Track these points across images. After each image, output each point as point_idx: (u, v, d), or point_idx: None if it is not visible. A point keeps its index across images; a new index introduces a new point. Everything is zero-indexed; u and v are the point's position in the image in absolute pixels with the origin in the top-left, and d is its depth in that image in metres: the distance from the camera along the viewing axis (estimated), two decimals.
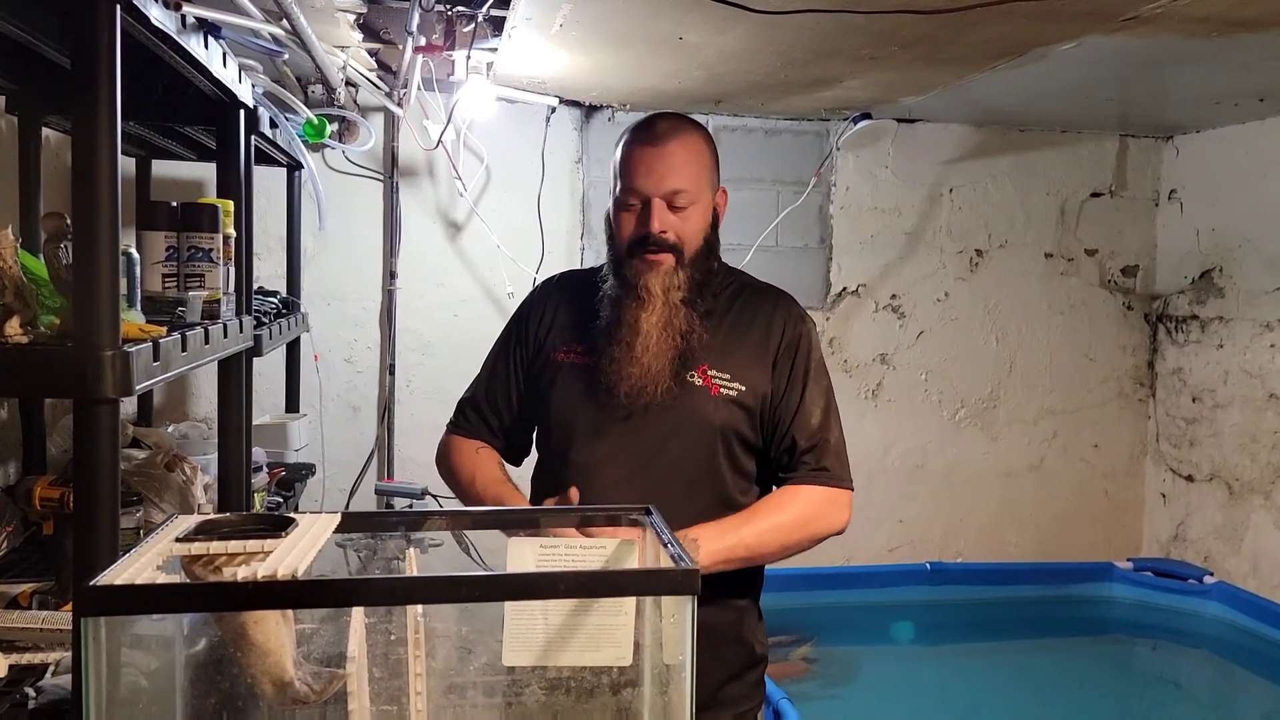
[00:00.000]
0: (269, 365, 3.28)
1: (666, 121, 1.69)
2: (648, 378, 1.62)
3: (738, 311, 1.72)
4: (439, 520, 1.21)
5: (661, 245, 1.64)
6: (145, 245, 1.63)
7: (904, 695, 3.45)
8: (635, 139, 1.68)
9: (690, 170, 1.66)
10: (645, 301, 1.63)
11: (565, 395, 1.70)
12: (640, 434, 1.65)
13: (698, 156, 1.68)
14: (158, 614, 0.93)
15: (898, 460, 4.07)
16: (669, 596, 0.99)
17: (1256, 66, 2.82)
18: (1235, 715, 3.50)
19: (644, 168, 1.65)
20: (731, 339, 1.69)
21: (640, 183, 1.64)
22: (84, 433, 1.16)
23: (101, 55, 1.15)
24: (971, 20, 2.27)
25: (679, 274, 1.64)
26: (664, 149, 1.65)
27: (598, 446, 1.67)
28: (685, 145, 1.66)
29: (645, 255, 1.64)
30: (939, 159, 4.03)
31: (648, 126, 1.69)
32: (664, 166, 1.64)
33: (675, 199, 1.64)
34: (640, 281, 1.64)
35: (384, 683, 1.05)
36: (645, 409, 1.63)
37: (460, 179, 3.59)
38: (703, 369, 1.66)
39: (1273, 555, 3.67)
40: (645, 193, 1.64)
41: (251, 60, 2.16)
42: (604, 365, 1.64)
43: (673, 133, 1.67)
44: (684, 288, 1.64)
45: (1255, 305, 3.78)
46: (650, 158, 1.65)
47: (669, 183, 1.63)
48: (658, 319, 1.62)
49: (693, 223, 1.66)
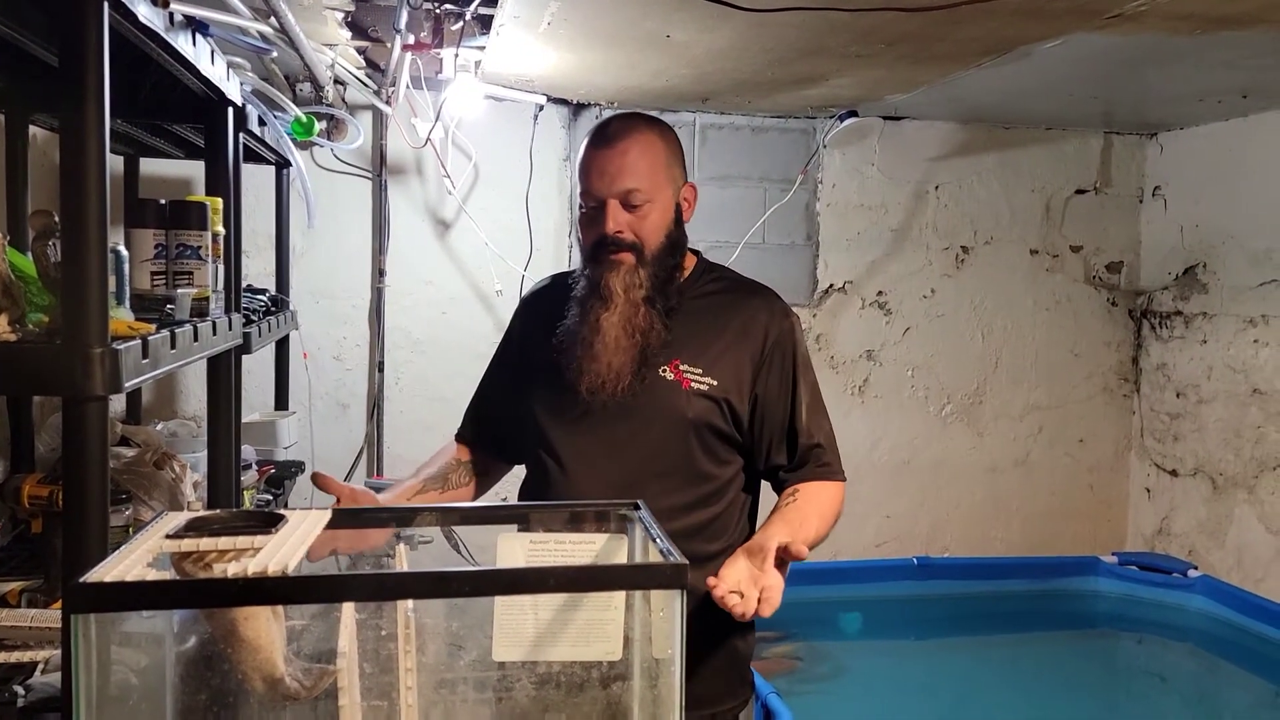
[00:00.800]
0: (258, 363, 3.28)
1: (620, 122, 1.70)
2: (608, 374, 1.63)
3: (719, 307, 1.73)
4: (428, 517, 1.22)
5: (619, 245, 1.64)
6: (134, 243, 1.63)
7: (891, 689, 3.47)
8: (590, 143, 1.70)
9: (643, 168, 1.66)
10: (607, 301, 1.64)
11: (542, 395, 1.73)
12: (612, 430, 1.66)
13: (651, 154, 1.67)
14: (147, 611, 0.94)
15: (885, 456, 4.09)
16: (658, 591, 1.00)
17: (1239, 64, 2.84)
18: (1219, 708, 3.53)
19: (597, 170, 1.66)
20: (710, 334, 1.70)
21: (594, 185, 1.66)
22: (73, 430, 1.16)
23: (89, 53, 1.15)
24: (956, 18, 2.29)
25: (640, 272, 1.65)
26: (615, 149, 1.66)
27: (573, 443, 1.69)
28: (637, 143, 1.67)
29: (607, 256, 1.65)
30: (925, 156, 4.05)
31: (601, 129, 1.70)
32: (615, 167, 1.65)
33: (629, 198, 1.64)
34: (602, 281, 1.65)
35: (374, 678, 1.05)
36: (617, 405, 1.65)
37: (449, 177, 3.60)
38: (675, 363, 1.67)
39: (1256, 549, 3.71)
40: (599, 194, 1.65)
41: (240, 58, 2.16)
42: (567, 364, 1.67)
43: (624, 132, 1.67)
44: (645, 286, 1.65)
45: (1239, 301, 3.81)
46: (602, 160, 1.66)
47: (620, 182, 1.64)
48: (618, 318, 1.63)
49: (650, 221, 1.66)
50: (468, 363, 3.53)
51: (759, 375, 1.69)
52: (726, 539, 1.72)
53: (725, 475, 1.70)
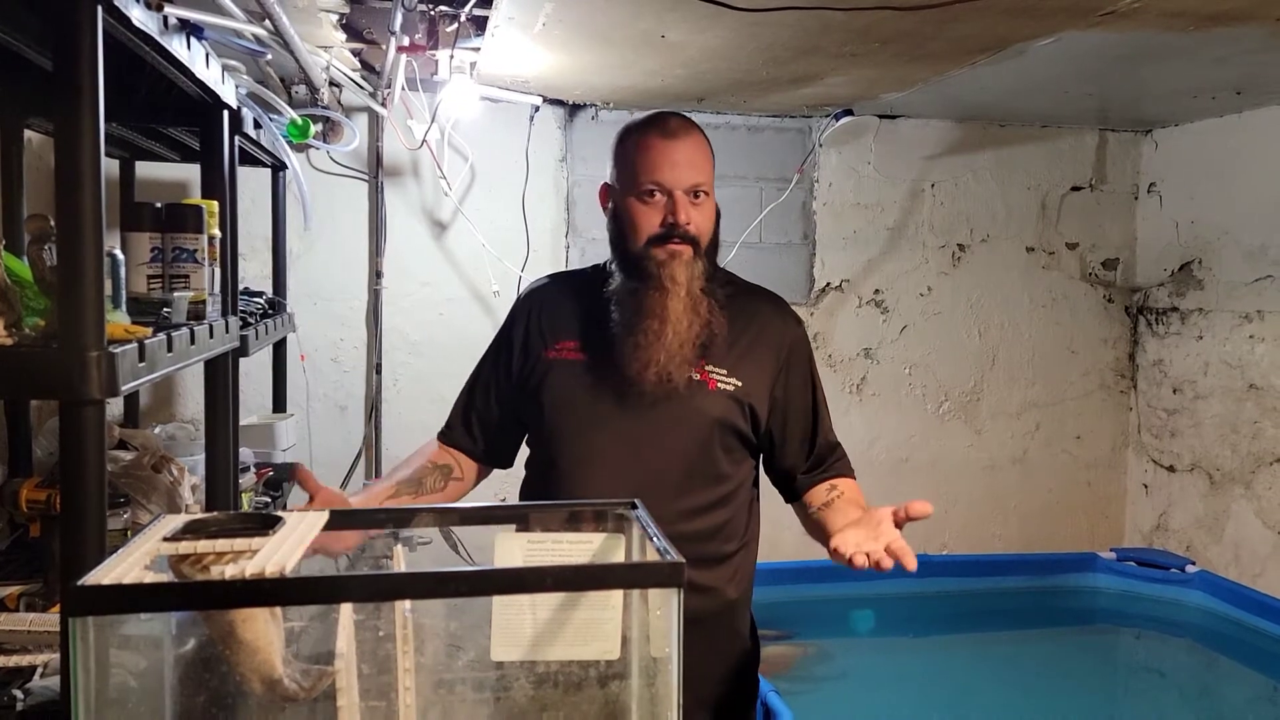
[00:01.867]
0: (255, 365, 3.28)
1: (678, 119, 1.72)
2: (674, 363, 1.63)
3: (734, 311, 1.74)
4: (426, 517, 1.22)
5: (685, 237, 1.66)
6: (130, 246, 1.63)
7: (891, 687, 3.47)
8: (652, 133, 1.69)
9: (705, 165, 1.70)
10: (670, 291, 1.64)
11: (559, 390, 1.71)
12: (638, 426, 1.66)
13: (707, 153, 1.72)
14: (145, 613, 0.94)
15: (883, 454, 4.10)
16: (655, 589, 1.00)
17: (1232, 60, 2.85)
18: (1218, 702, 3.54)
19: (667, 161, 1.66)
20: (728, 337, 1.71)
21: (664, 175, 1.65)
22: (70, 434, 1.16)
23: (83, 56, 1.15)
24: (950, 16, 2.29)
25: (698, 264, 1.67)
26: (683, 143, 1.67)
27: (594, 439, 1.68)
28: (699, 142, 1.70)
29: (667, 246, 1.65)
30: (921, 154, 4.05)
31: (663, 122, 1.70)
32: (685, 160, 1.66)
33: (697, 190, 1.67)
34: (664, 271, 1.65)
35: (373, 679, 1.05)
36: (643, 404, 1.65)
37: (445, 178, 3.60)
38: (700, 364, 1.68)
39: (1253, 544, 3.71)
40: (669, 185, 1.65)
41: (235, 61, 2.16)
42: (625, 354, 1.64)
43: (688, 130, 1.70)
44: (701, 278, 1.67)
45: (1234, 297, 3.81)
46: (672, 151, 1.66)
47: (690, 176, 1.66)
48: (684, 306, 1.64)
49: (708, 216, 1.70)
50: (466, 364, 3.48)
51: (779, 379, 1.72)
52: (741, 539, 1.73)
53: (740, 476, 1.72)
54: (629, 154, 1.70)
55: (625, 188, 1.69)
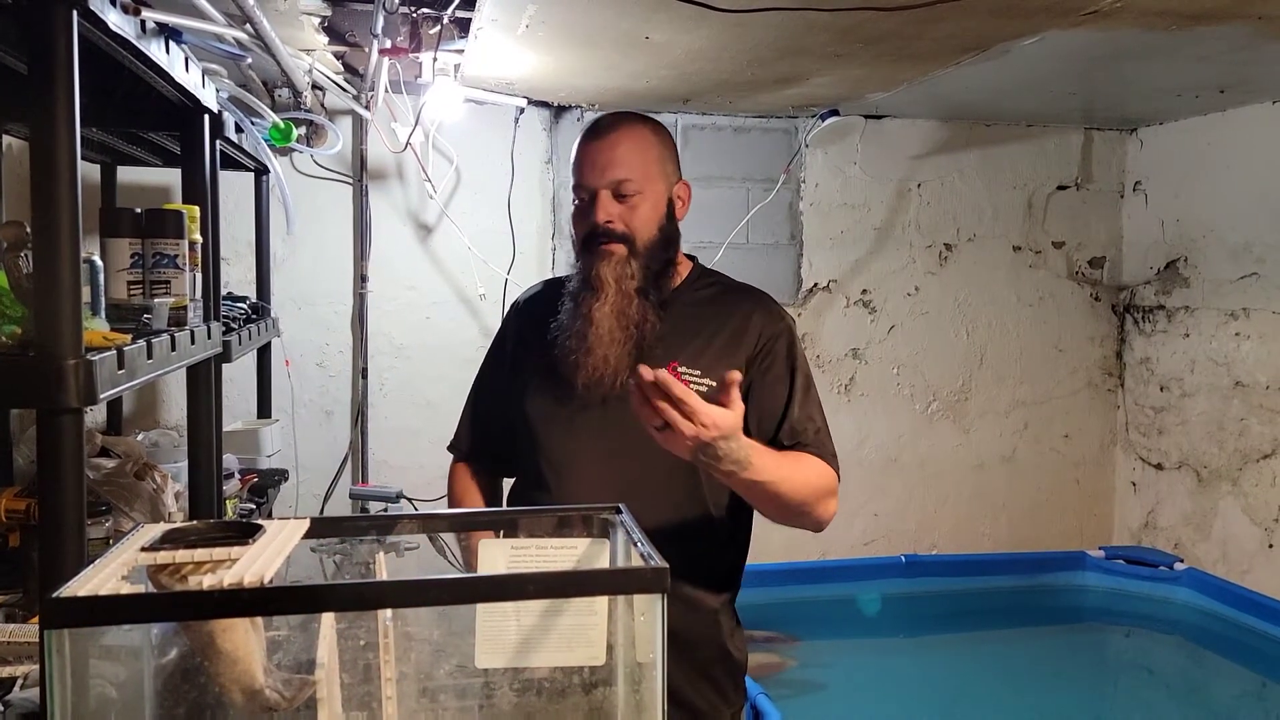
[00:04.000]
0: (240, 371, 3.26)
1: (612, 117, 1.71)
2: (604, 368, 1.61)
3: (715, 310, 1.72)
4: (409, 524, 1.21)
5: (611, 235, 1.64)
6: (109, 252, 1.62)
7: (881, 687, 3.48)
8: (583, 137, 1.70)
9: (635, 160, 1.66)
10: (598, 291, 1.63)
11: (535, 397, 1.71)
12: (611, 430, 1.64)
13: (643, 146, 1.68)
14: (122, 625, 0.93)
15: (872, 454, 4.10)
16: (639, 595, 1.00)
17: (1215, 59, 2.86)
18: (1207, 699, 3.55)
19: (589, 161, 1.66)
20: (704, 337, 1.69)
21: (586, 176, 1.66)
22: (47, 442, 1.15)
23: (58, 61, 1.14)
24: (934, 17, 2.29)
25: (632, 263, 1.64)
26: (606, 141, 1.66)
27: (570, 444, 1.67)
28: (629, 136, 1.67)
29: (598, 246, 1.64)
30: (907, 154, 4.06)
31: (594, 124, 1.71)
32: (606, 158, 1.65)
33: (620, 188, 1.64)
34: (593, 272, 1.64)
35: (355, 688, 1.04)
36: (611, 404, 1.63)
37: (430, 181, 3.58)
38: (673, 366, 1.65)
39: (1240, 540, 3.73)
40: (590, 185, 1.65)
41: (216, 65, 2.14)
42: (563, 359, 1.65)
43: (616, 125, 1.68)
44: (637, 277, 1.64)
45: (1220, 294, 3.83)
46: (594, 151, 1.66)
47: (611, 173, 1.64)
48: (610, 308, 1.62)
49: (641, 212, 1.66)
50: (452, 367, 3.52)
51: (752, 374, 1.67)
52: (726, 542, 1.71)
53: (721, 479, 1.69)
54: (571, 162, 1.72)
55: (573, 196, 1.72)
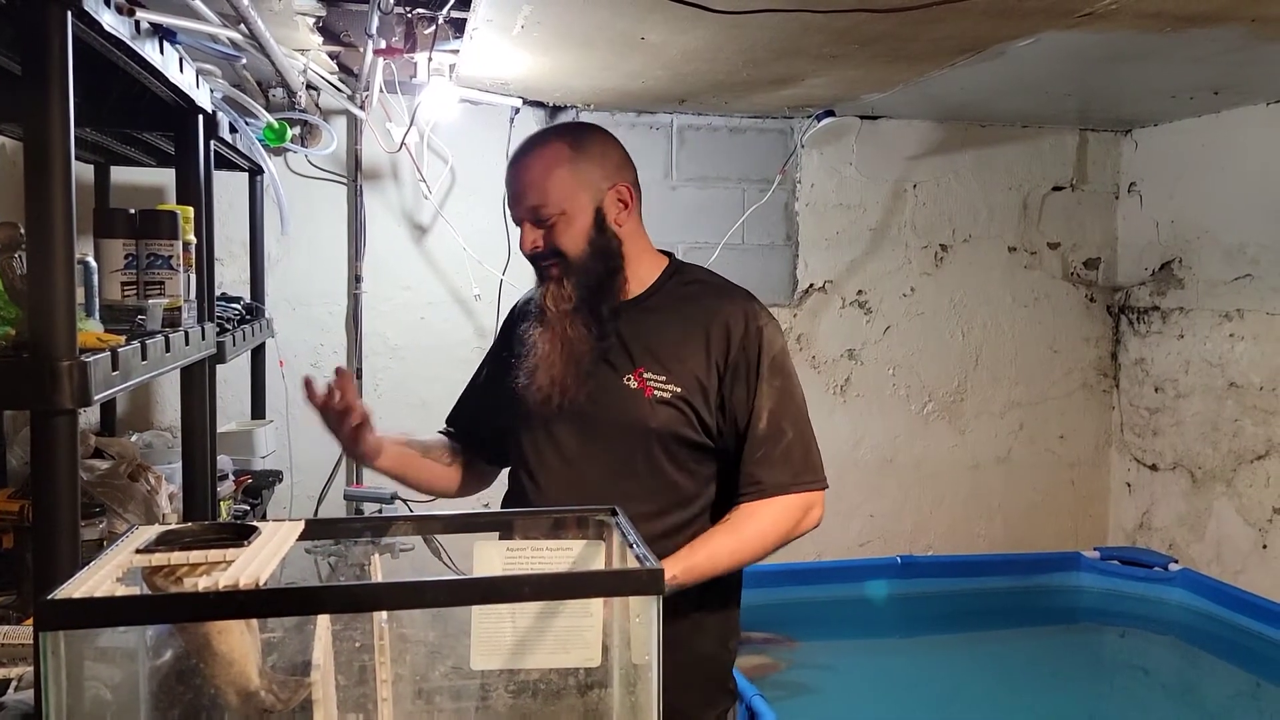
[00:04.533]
0: (234, 372, 3.25)
1: (527, 141, 1.73)
2: (550, 388, 1.66)
3: (688, 311, 1.69)
4: (405, 525, 1.21)
5: (537, 258, 1.69)
6: (103, 253, 1.61)
7: (877, 688, 3.48)
8: (508, 165, 1.75)
9: (545, 182, 1.65)
10: (540, 317, 1.69)
11: (516, 409, 1.74)
12: (577, 440, 1.67)
13: (554, 165, 1.66)
14: (117, 626, 0.92)
15: (867, 455, 4.10)
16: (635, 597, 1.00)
17: (1209, 60, 2.86)
18: (1202, 699, 3.56)
19: (510, 191, 1.72)
20: (673, 339, 1.66)
21: (510, 207, 1.72)
22: (42, 444, 1.15)
23: (52, 62, 1.13)
24: (930, 18, 2.29)
25: (566, 284, 1.66)
26: (518, 168, 1.69)
27: (540, 455, 1.70)
28: (539, 158, 1.67)
29: (539, 268, 1.70)
30: (902, 155, 4.06)
31: (516, 150, 1.74)
32: (520, 186, 1.68)
33: (537, 214, 1.66)
34: (540, 299, 1.69)
35: (350, 690, 1.04)
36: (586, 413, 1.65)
37: (424, 181, 3.58)
38: (639, 372, 1.64)
39: (1235, 541, 3.73)
40: (515, 216, 1.70)
41: (210, 65, 2.14)
42: (519, 379, 1.71)
43: (528, 149, 1.70)
44: (571, 298, 1.66)
45: (1214, 295, 3.84)
46: (511, 179, 1.71)
47: (525, 200, 1.67)
48: (549, 333, 1.67)
49: (563, 233, 1.65)
50: (447, 367, 3.51)
51: (724, 381, 1.64)
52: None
53: (695, 481, 1.67)
54: None
55: None
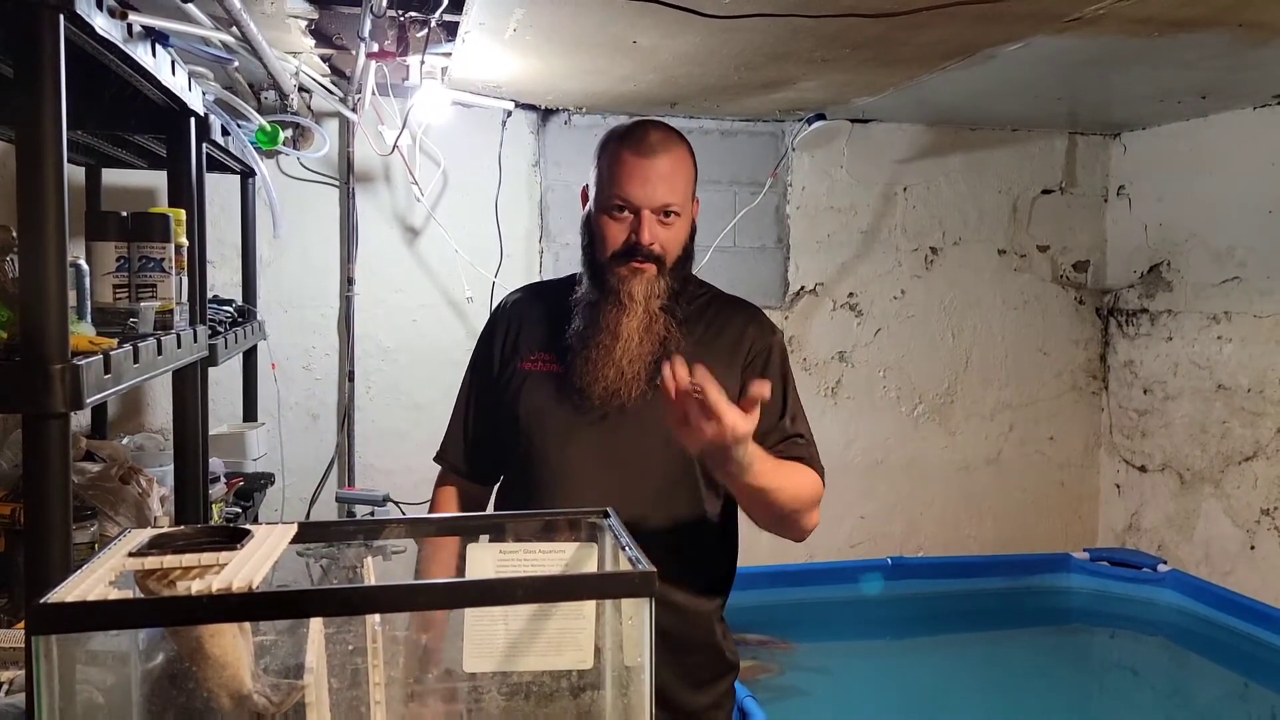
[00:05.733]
0: (226, 374, 3.25)
1: (659, 133, 1.68)
2: (623, 381, 1.62)
3: (708, 323, 1.72)
4: (398, 528, 1.21)
5: (649, 256, 1.64)
6: (95, 256, 1.61)
7: (867, 689, 3.49)
8: (626, 147, 1.66)
9: (680, 184, 1.66)
10: (627, 307, 1.63)
11: (533, 400, 1.70)
12: (612, 439, 1.65)
13: (686, 170, 1.68)
14: (110, 630, 0.93)
15: (858, 457, 4.11)
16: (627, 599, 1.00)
17: (1197, 65, 2.88)
18: (1191, 699, 3.57)
19: (638, 179, 1.63)
20: (701, 349, 1.68)
21: (633, 193, 1.63)
22: (33, 447, 1.14)
23: (44, 64, 1.13)
24: (920, 22, 2.31)
25: (660, 282, 1.65)
26: (657, 161, 1.64)
27: (568, 450, 1.66)
28: (676, 159, 1.66)
29: (630, 263, 1.64)
30: (893, 158, 4.07)
31: (640, 136, 1.67)
32: (657, 179, 1.63)
33: (667, 209, 1.64)
34: (624, 288, 1.64)
35: (343, 693, 1.04)
36: (618, 415, 1.63)
37: (417, 184, 3.58)
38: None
39: (1223, 542, 3.75)
40: (637, 204, 1.63)
41: (202, 67, 2.14)
42: (578, 367, 1.64)
43: (664, 145, 1.66)
44: (664, 295, 1.65)
45: (1202, 298, 3.86)
46: (644, 169, 1.64)
47: (661, 196, 1.63)
48: (638, 324, 1.63)
49: (677, 234, 1.67)
50: (439, 370, 3.52)
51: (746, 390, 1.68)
52: (720, 550, 1.72)
53: (717, 490, 1.69)
54: (604, 165, 1.67)
55: (597, 199, 1.68)
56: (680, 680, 1.65)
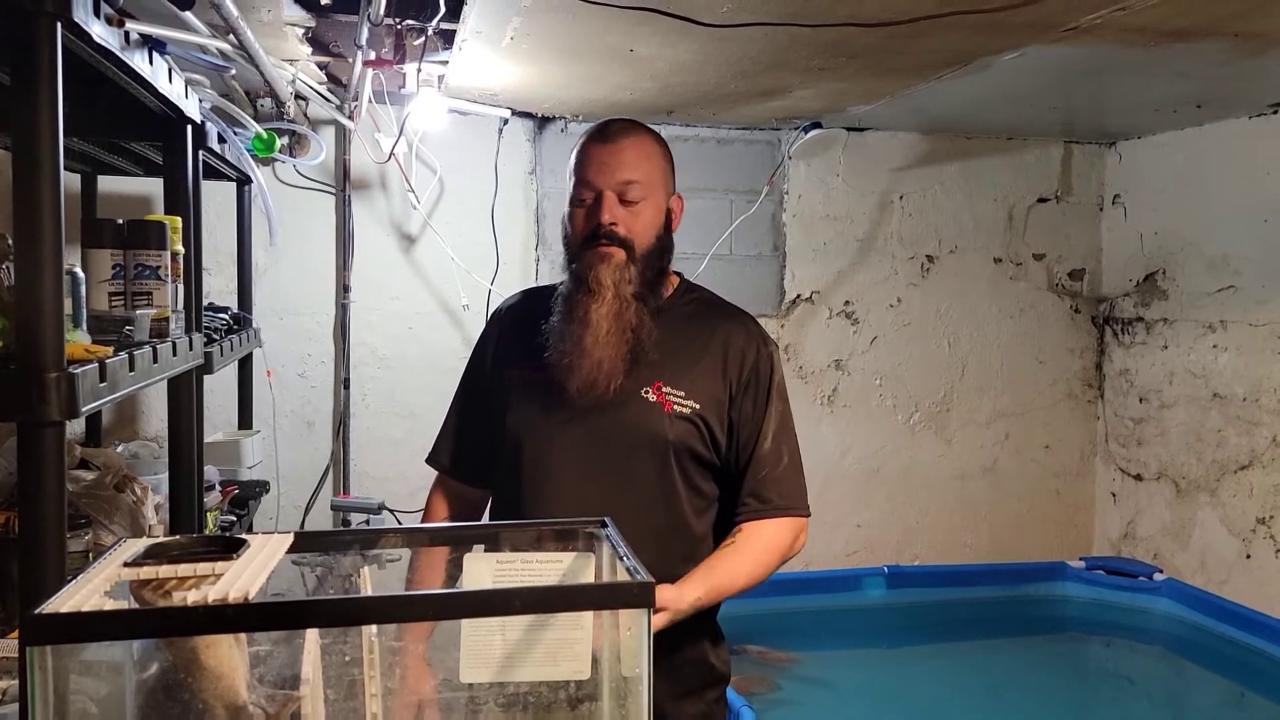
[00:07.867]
0: (221, 382, 3.24)
1: (622, 124, 1.72)
2: (599, 372, 1.60)
3: (697, 329, 1.71)
4: (393, 538, 1.20)
5: (612, 238, 1.63)
6: (91, 264, 1.61)
7: (863, 698, 3.48)
8: (590, 139, 1.70)
9: (642, 165, 1.67)
10: (595, 293, 1.62)
11: (518, 408, 1.70)
12: (595, 448, 1.64)
13: (649, 154, 1.69)
14: (104, 641, 0.92)
15: (854, 465, 4.11)
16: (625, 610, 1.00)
17: (1192, 74, 2.89)
18: (1187, 708, 3.57)
19: (596, 163, 1.66)
20: (689, 356, 1.68)
21: (592, 176, 1.65)
22: (28, 456, 1.14)
23: (42, 73, 1.13)
24: (916, 31, 2.31)
25: (630, 268, 1.63)
26: (616, 145, 1.67)
27: (552, 460, 1.66)
28: (637, 143, 1.68)
29: (597, 248, 1.64)
30: (889, 166, 4.08)
31: (602, 127, 1.71)
32: (615, 161, 1.65)
33: (627, 191, 1.64)
34: (591, 274, 1.63)
35: (339, 704, 1.04)
36: (598, 415, 1.62)
37: (413, 191, 3.58)
38: (657, 385, 1.65)
39: (1219, 551, 3.75)
40: (597, 186, 1.65)
41: (199, 75, 2.14)
42: (556, 363, 1.63)
43: (625, 132, 1.69)
44: (635, 282, 1.64)
45: (1198, 307, 3.86)
46: (603, 154, 1.66)
47: (619, 175, 1.64)
48: (607, 310, 1.61)
49: (644, 218, 1.66)
50: (435, 378, 3.51)
51: (735, 401, 1.68)
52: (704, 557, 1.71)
53: (702, 499, 1.69)
54: (573, 162, 1.71)
55: (569, 196, 1.70)
56: (667, 690, 1.64)
